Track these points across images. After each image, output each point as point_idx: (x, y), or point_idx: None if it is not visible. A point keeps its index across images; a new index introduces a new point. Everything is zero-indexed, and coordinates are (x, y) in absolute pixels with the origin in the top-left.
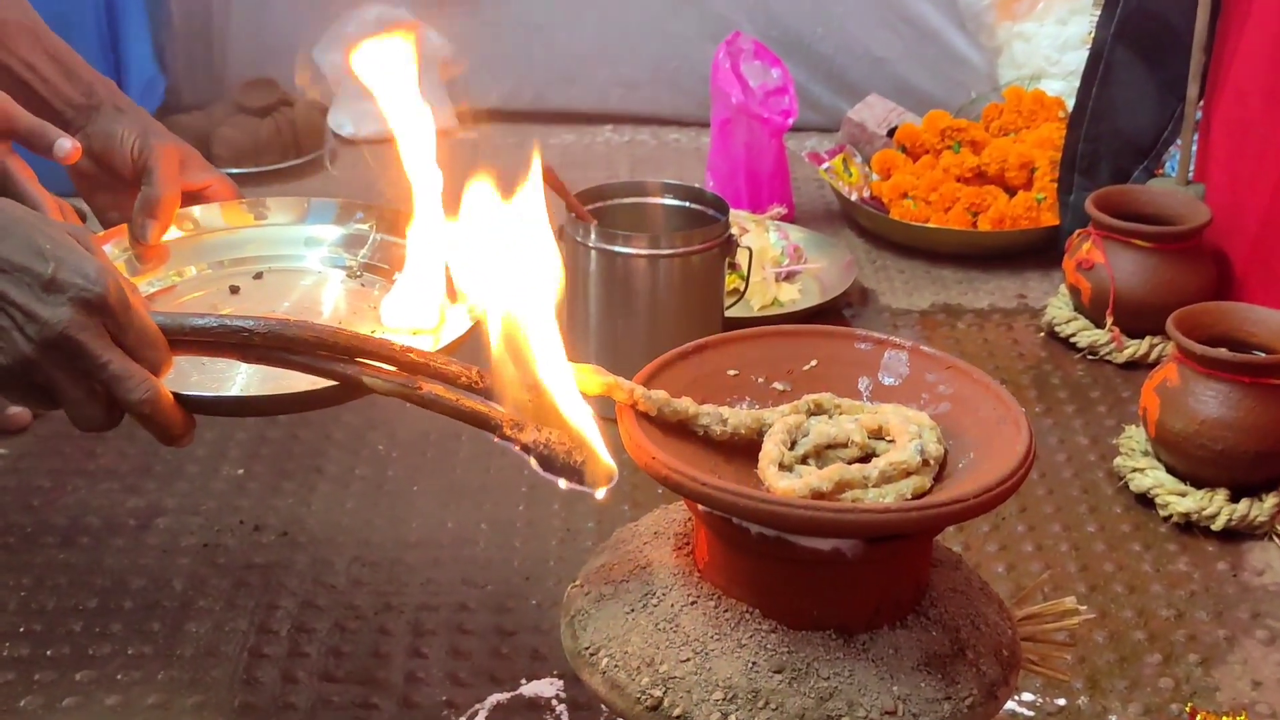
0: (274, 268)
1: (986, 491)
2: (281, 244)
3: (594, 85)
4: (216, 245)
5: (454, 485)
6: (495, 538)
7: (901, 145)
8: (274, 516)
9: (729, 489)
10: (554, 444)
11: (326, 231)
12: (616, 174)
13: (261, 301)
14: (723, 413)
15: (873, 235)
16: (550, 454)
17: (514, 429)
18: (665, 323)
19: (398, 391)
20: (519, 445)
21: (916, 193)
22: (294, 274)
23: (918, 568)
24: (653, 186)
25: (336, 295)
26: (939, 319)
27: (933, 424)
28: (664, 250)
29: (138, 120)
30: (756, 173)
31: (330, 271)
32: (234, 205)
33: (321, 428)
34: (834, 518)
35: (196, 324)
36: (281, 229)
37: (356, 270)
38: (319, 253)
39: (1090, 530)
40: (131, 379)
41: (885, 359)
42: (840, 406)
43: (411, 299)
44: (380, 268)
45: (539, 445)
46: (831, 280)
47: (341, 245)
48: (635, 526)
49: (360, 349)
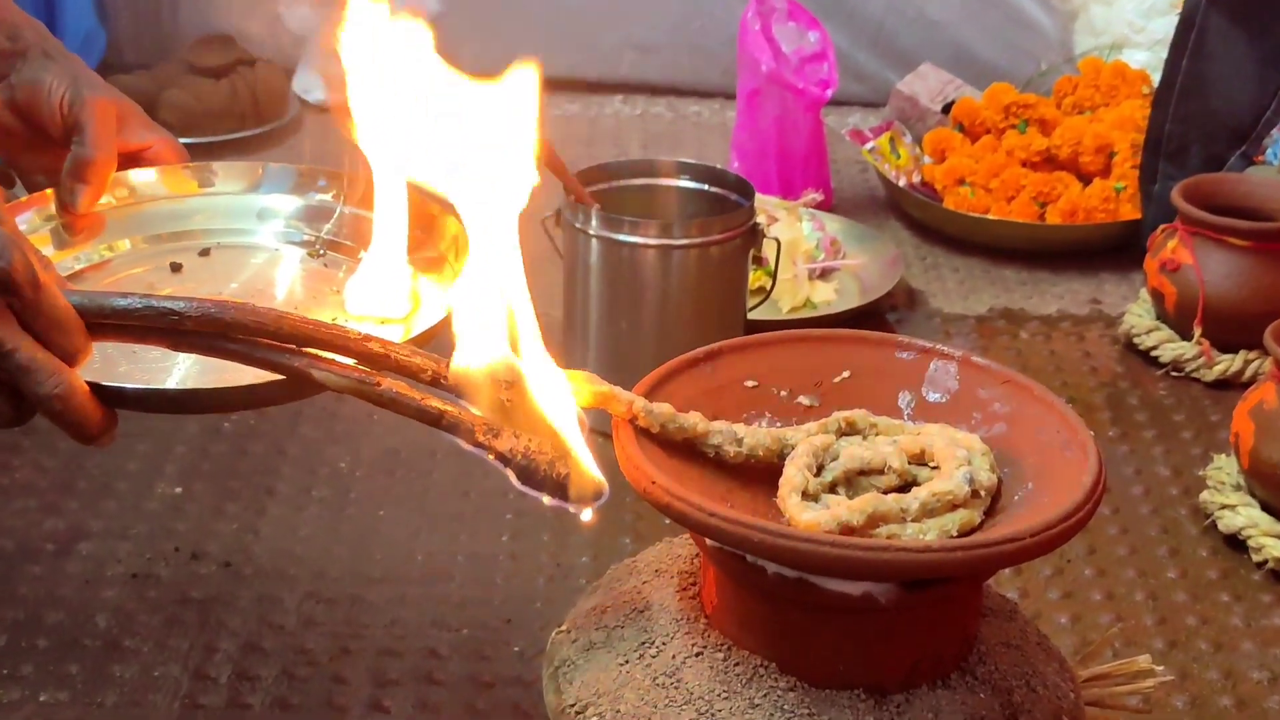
0: (222, 243)
1: (1047, 529)
2: (231, 216)
3: (602, 48)
4: (156, 216)
5: (427, 511)
6: (473, 573)
7: (958, 123)
8: (215, 543)
9: (742, 521)
10: (535, 453)
11: (283, 202)
12: (625, 151)
13: (207, 281)
14: (737, 431)
15: (923, 227)
16: (531, 465)
17: (488, 434)
18: (676, 325)
19: (352, 388)
20: (494, 454)
21: (975, 179)
22: (245, 251)
23: (964, 617)
24: (667, 166)
25: (294, 276)
26: (998, 326)
27: (985, 448)
28: (678, 240)
29: (69, 69)
30: (789, 153)
31: (287, 249)
32: (177, 170)
33: (273, 441)
34: (866, 557)
35: (119, 305)
36: (231, 199)
37: (318, 248)
38: (274, 226)
39: (1170, 576)
40: (41, 369)
41: (931, 371)
42: (876, 426)
43: (380, 282)
44: (345, 245)
45: (517, 454)
46: (873, 279)
47: (301, 218)
48: (633, 563)
49: (310, 337)
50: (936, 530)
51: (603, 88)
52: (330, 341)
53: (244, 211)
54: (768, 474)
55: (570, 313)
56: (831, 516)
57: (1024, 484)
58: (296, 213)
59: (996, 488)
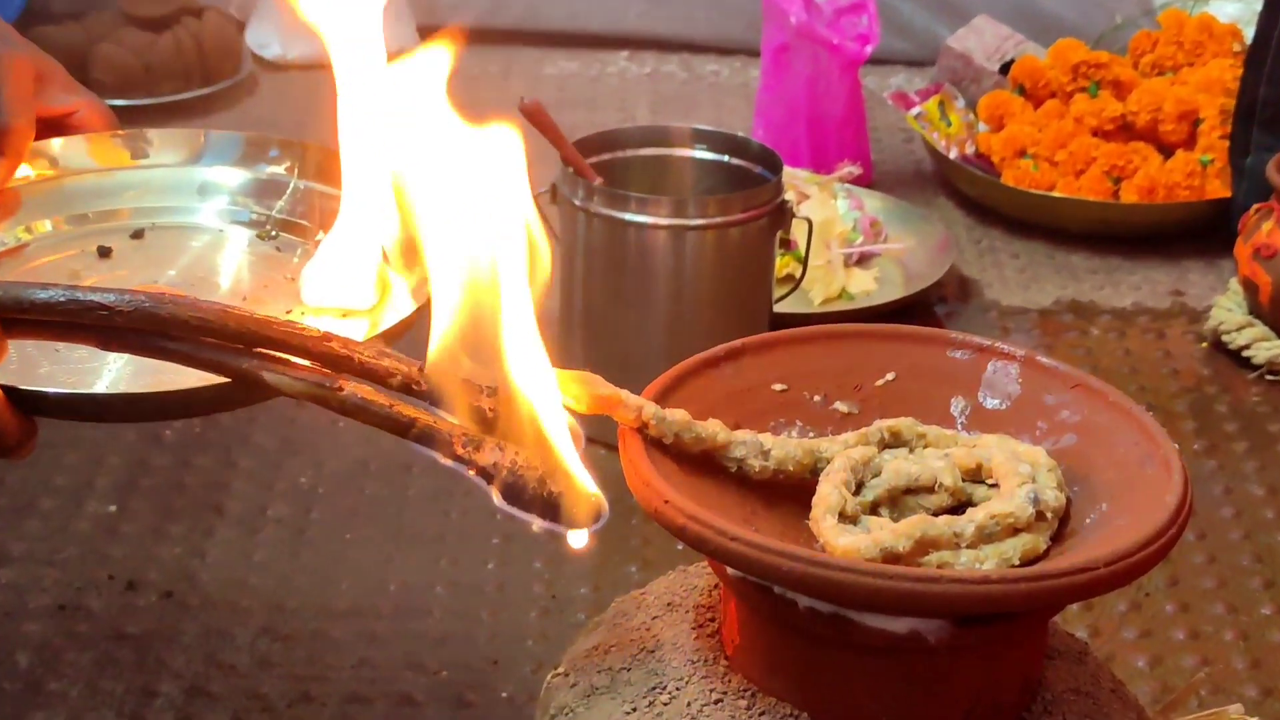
0: (158, 224)
1: (1123, 557)
2: (168, 191)
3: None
4: (82, 192)
5: (401, 533)
6: (455, 605)
7: (1019, 85)
8: (155, 570)
9: (769, 546)
10: (522, 468)
11: (229, 175)
12: (632, 116)
13: (140, 268)
14: (764, 442)
15: (978, 206)
16: (518, 481)
17: (467, 446)
18: (691, 318)
19: (309, 393)
20: (474, 469)
21: (1038, 150)
22: (184, 232)
23: (1026, 660)
24: (680, 134)
25: (241, 262)
26: (1065, 321)
27: (1051, 463)
28: (693, 220)
29: None
30: (822, 119)
31: (233, 229)
32: (106, 139)
33: (223, 452)
34: (913, 589)
35: (38, 298)
36: (169, 171)
37: (270, 228)
38: (218, 204)
39: (1265, 613)
40: None
41: (989, 373)
42: (925, 437)
43: (343, 268)
44: (301, 225)
45: (502, 469)
46: (920, 266)
47: (249, 194)
48: (642, 595)
49: (260, 335)
50: (995, 558)
51: (606, 42)
52: (284, 340)
53: (184, 186)
54: (799, 492)
55: (567, 303)
56: (873, 542)
57: (1097, 505)
58: (245, 187)
59: (1065, 509)
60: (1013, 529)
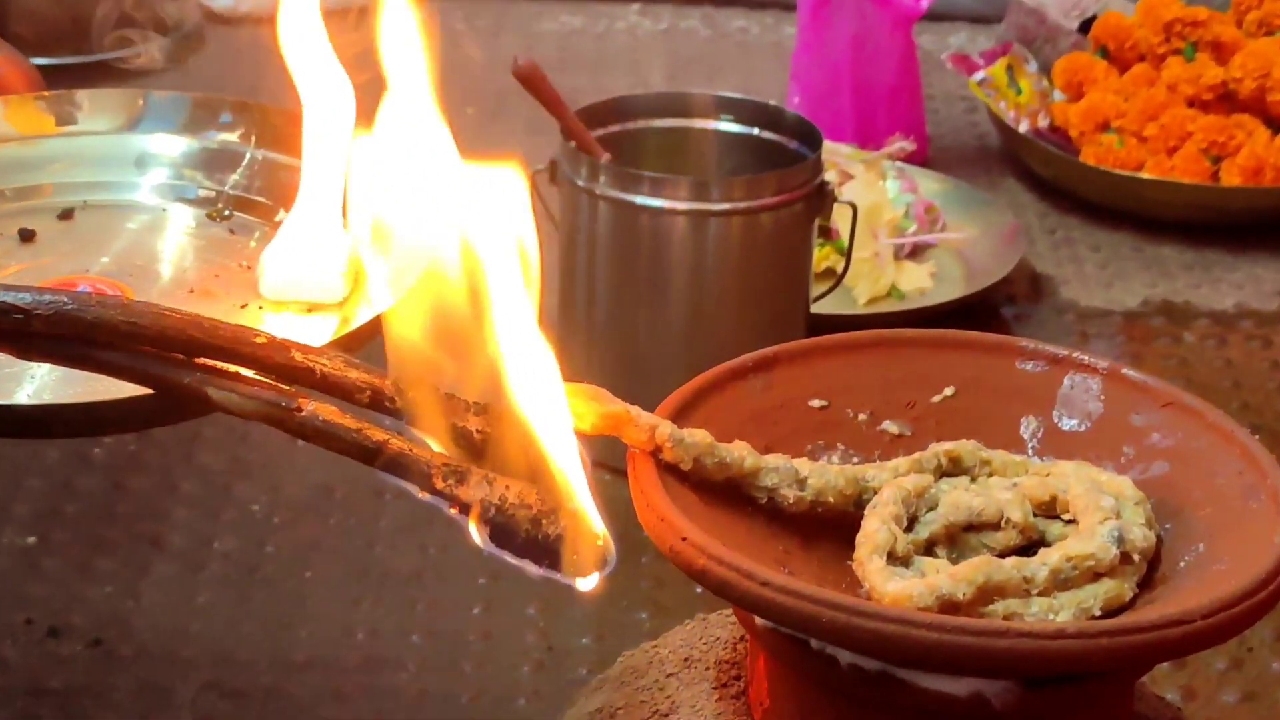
0: (89, 202)
1: (1224, 608)
2: (101, 164)
3: None
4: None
5: (370, 571)
6: (434, 657)
7: (1102, 46)
8: (82, 614)
9: (805, 593)
10: (513, 504)
11: (172, 144)
12: (645, 81)
13: (68, 255)
14: (799, 469)
15: (1052, 189)
16: (507, 521)
17: (449, 479)
18: (715, 321)
19: (262, 413)
20: (456, 506)
21: (1124, 123)
22: (120, 212)
23: None
24: (702, 103)
25: (187, 247)
26: (1155, 325)
27: (1139, 495)
28: (716, 204)
29: None
30: (869, 85)
31: (177, 208)
32: (28, 102)
33: (162, 474)
34: (975, 644)
35: None
36: (101, 140)
37: (221, 207)
38: (159, 178)
39: None
40: None
41: (1066, 388)
42: (990, 464)
43: (308, 254)
44: (259, 203)
45: (489, 506)
46: (984, 259)
47: (197, 166)
48: (654, 648)
49: (206, 343)
50: (1072, 608)
51: None
52: (233, 349)
53: (119, 157)
54: (840, 529)
55: (567, 303)
56: (928, 587)
57: (1193, 545)
58: (191, 158)
59: (1154, 550)
60: (1093, 573)
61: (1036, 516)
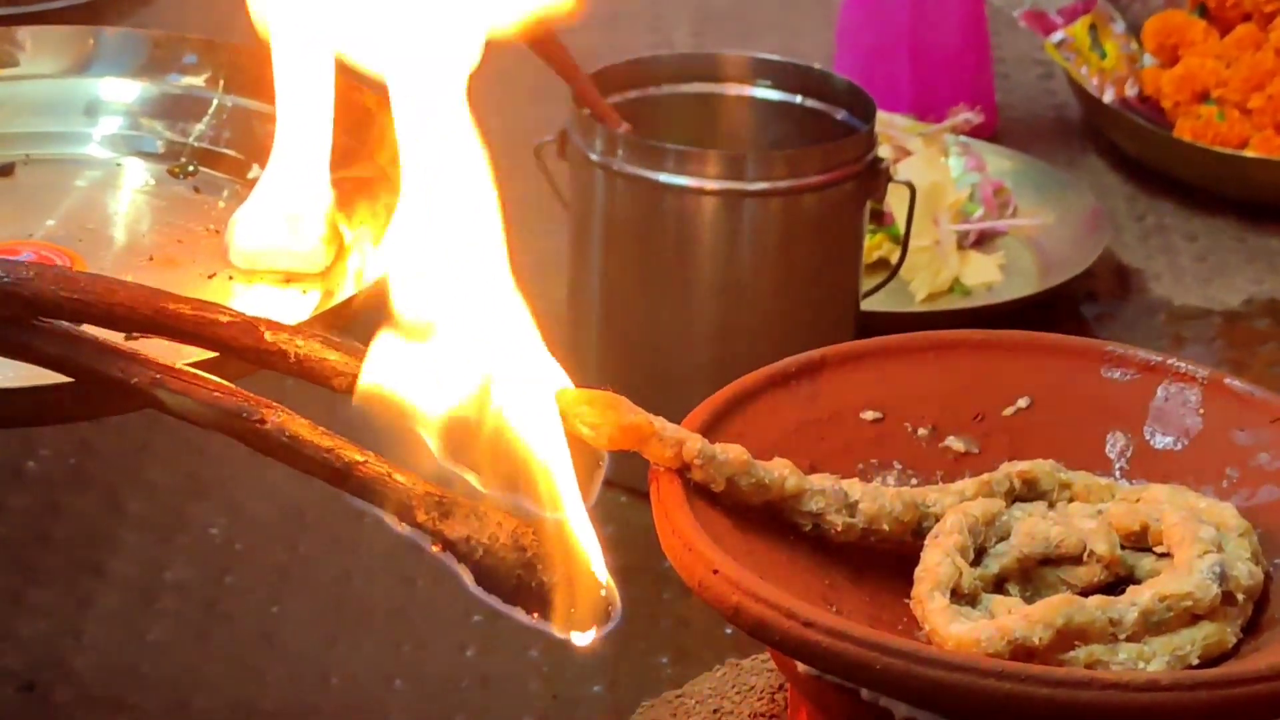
0: (32, 155)
1: None
2: (46, 112)
3: None
4: None
5: (347, 606)
6: (421, 705)
7: (1200, 4)
8: (13, 653)
9: (855, 635)
10: (504, 545)
11: (127, 89)
12: (669, 41)
13: (9, 217)
14: (850, 492)
15: (1141, 168)
16: (494, 563)
17: (432, 512)
18: (749, 318)
19: (220, 423)
20: (439, 543)
21: (1225, 93)
22: (67, 167)
23: None
24: (734, 65)
25: (145, 207)
26: (1260, 328)
27: (1245, 525)
28: (752, 183)
29: None
30: (929, 47)
31: (134, 163)
32: None
33: (106, 490)
34: (1053, 695)
35: None
36: (46, 85)
37: (185, 162)
38: (112, 127)
39: None
40: None
41: (1159, 400)
42: (1070, 487)
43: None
44: (229, 157)
45: (476, 546)
46: (1062, 249)
47: (156, 115)
48: (679, 699)
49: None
50: (1166, 655)
51: None
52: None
53: (66, 104)
54: (897, 561)
55: (578, 296)
56: (999, 630)
57: None
58: (148, 106)
59: (1261, 589)
60: (1190, 616)
61: (1124, 549)
